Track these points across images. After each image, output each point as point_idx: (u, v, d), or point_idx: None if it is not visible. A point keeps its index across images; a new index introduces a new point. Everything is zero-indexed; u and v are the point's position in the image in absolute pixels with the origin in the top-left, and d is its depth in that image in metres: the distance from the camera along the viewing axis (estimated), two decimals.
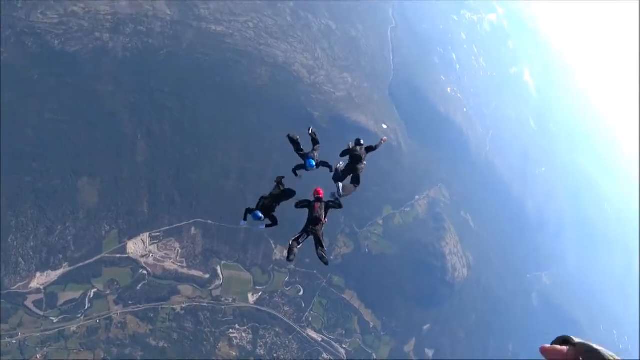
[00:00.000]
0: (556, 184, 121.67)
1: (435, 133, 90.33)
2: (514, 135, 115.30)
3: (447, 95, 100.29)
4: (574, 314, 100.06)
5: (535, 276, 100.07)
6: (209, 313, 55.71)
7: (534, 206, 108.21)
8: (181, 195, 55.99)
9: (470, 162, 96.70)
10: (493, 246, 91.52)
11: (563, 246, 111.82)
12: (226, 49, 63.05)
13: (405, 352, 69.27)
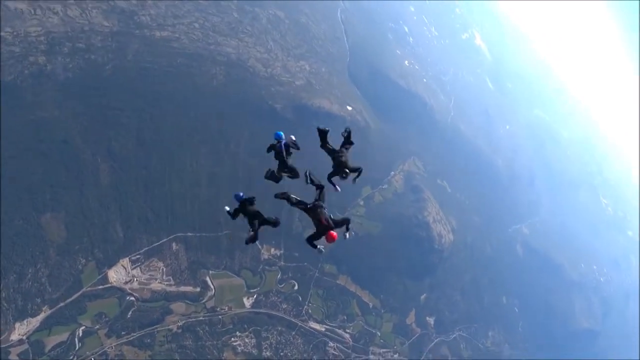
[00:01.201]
0: (520, 138, 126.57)
1: (399, 107, 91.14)
2: (475, 98, 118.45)
3: (405, 68, 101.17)
4: (556, 258, 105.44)
5: (516, 229, 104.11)
6: (207, 326, 54.23)
7: (503, 163, 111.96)
8: (155, 212, 53.64)
9: (438, 131, 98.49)
10: (472, 207, 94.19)
11: (536, 196, 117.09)
12: (175, 54, 60.32)
13: (408, 324, 70.61)
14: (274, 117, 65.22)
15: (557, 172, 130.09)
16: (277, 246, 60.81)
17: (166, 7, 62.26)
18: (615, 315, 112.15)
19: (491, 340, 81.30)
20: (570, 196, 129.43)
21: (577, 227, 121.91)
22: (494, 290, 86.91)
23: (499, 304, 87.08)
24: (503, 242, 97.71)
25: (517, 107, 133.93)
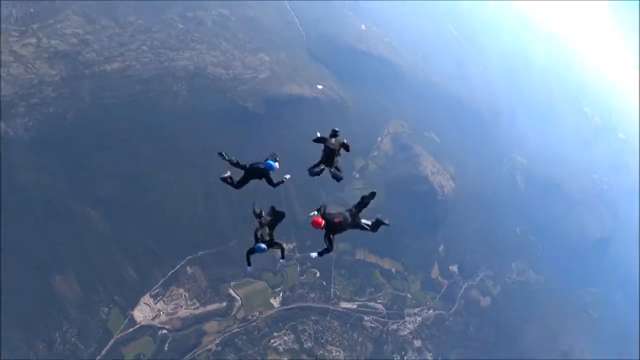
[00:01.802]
0: (496, 76, 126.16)
1: (368, 73, 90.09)
2: (441, 48, 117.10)
3: (363, 32, 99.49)
4: (556, 177, 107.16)
5: (512, 162, 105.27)
6: (244, 336, 54.75)
7: (484, 104, 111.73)
8: (159, 243, 53.25)
9: (411, 86, 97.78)
10: (464, 151, 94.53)
11: (525, 127, 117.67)
12: (132, 82, 58.59)
13: (434, 278, 71.73)
14: (249, 116, 64.26)
15: (537, 99, 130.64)
16: (288, 240, 60.81)
17: (109, 39, 60.04)
18: (624, 217, 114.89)
19: (515, 271, 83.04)
20: (555, 116, 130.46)
21: (569, 143, 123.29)
22: (506, 224, 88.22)
23: (514, 236, 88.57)
24: (502, 176, 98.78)
25: (485, 45, 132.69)
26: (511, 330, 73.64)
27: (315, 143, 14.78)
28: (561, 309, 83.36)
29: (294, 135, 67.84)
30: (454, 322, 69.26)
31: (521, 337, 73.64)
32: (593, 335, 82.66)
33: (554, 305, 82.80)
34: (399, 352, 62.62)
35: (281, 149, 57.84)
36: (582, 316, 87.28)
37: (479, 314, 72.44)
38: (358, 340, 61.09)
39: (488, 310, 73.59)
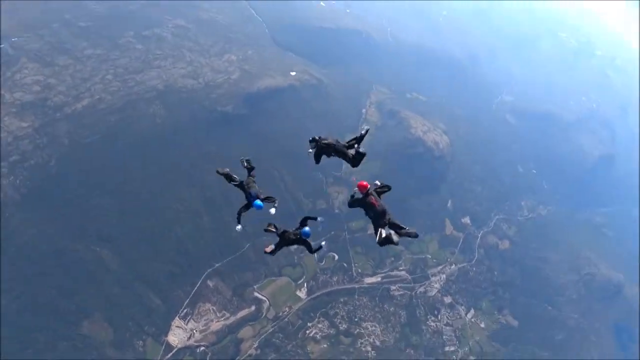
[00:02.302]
0: (464, 20, 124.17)
1: (339, 48, 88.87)
2: (405, 10, 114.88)
3: (324, 10, 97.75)
4: (545, 107, 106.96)
5: (498, 100, 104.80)
6: (280, 334, 55.50)
7: (460, 51, 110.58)
8: (175, 265, 53.38)
9: (384, 51, 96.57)
10: (450, 103, 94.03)
11: (506, 65, 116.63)
12: (107, 115, 57.43)
13: (449, 234, 72.26)
14: (230, 120, 63.50)
15: (511, 32, 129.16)
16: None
17: (71, 77, 58.50)
18: (622, 132, 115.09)
19: (526, 208, 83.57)
20: (533, 48, 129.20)
21: (551, 71, 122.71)
22: (507, 165, 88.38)
23: (517, 175, 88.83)
24: (493, 119, 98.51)
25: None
26: (534, 265, 74.66)
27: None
28: (577, 234, 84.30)
29: (279, 127, 67.31)
30: (477, 272, 70.12)
31: (545, 269, 74.70)
32: (613, 253, 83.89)
33: (569, 232, 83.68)
34: (432, 313, 63.61)
35: (270, 143, 57.65)
36: (598, 237, 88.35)
37: (500, 257, 73.28)
38: (390, 310, 61.99)
39: (508, 252, 74.44)
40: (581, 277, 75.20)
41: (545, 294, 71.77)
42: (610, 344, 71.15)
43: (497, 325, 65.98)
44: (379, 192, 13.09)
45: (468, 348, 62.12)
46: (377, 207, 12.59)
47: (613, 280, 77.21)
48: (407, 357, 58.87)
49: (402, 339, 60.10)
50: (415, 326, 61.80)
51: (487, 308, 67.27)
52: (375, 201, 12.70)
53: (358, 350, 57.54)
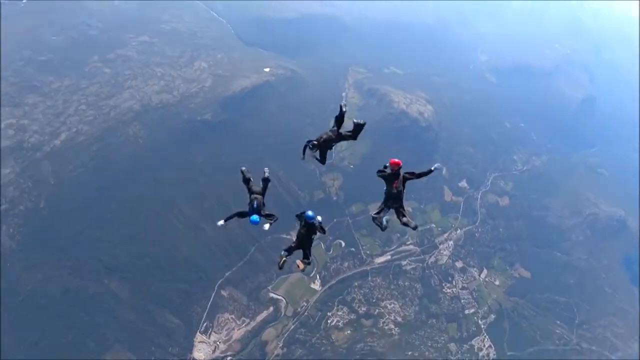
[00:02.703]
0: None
1: (308, 36, 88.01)
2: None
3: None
4: (522, 61, 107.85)
5: (474, 60, 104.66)
6: (302, 329, 55.83)
7: (431, 18, 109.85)
8: (186, 281, 53.21)
9: (355, 31, 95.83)
10: (428, 71, 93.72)
11: (477, 25, 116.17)
12: (88, 145, 56.34)
13: (449, 201, 72.64)
14: (213, 127, 62.83)
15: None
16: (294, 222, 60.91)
17: (43, 114, 57.04)
18: (601, 73, 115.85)
19: (519, 162, 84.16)
20: (501, 4, 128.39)
21: (522, 23, 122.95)
22: (494, 123, 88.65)
23: (506, 131, 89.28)
24: (473, 80, 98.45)
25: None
26: (537, 215, 75.57)
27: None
28: (573, 178, 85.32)
29: (263, 125, 66.75)
30: (483, 232, 70.80)
31: (548, 216, 75.67)
32: (610, 191, 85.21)
33: (565, 177, 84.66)
34: (446, 280, 64.28)
35: (256, 143, 57.07)
36: (594, 177, 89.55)
37: (502, 214, 73.99)
38: (405, 285, 62.53)
39: (509, 208, 75.18)
40: (584, 219, 76.30)
41: (552, 241, 72.85)
42: (622, 277, 72.58)
43: (511, 280, 66.96)
44: (409, 177, 13.29)
45: (487, 307, 63.06)
46: (394, 188, 12.92)
47: (615, 217, 78.42)
48: (429, 327, 59.61)
49: (422, 311, 60.79)
50: (432, 296, 62.48)
51: (499, 265, 68.15)
52: (397, 184, 12.98)
53: (381, 329, 58.15)
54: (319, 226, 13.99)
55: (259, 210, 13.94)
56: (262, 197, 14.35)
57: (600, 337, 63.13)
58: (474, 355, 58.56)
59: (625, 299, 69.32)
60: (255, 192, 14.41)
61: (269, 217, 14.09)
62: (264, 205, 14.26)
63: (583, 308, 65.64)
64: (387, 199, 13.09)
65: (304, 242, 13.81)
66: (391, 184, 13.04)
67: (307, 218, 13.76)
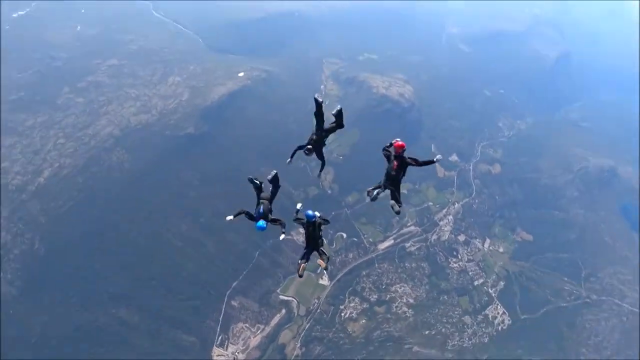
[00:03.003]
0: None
1: (277, 35, 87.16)
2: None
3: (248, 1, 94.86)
4: (491, 27, 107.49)
5: (446, 34, 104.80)
6: (317, 325, 56.03)
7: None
8: (194, 297, 52.93)
9: (322, 22, 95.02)
10: (403, 51, 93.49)
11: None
12: (72, 178, 55.27)
13: (442, 177, 73.04)
14: (197, 140, 62.06)
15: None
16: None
17: (22, 153, 55.57)
18: (570, 30, 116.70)
19: (505, 128, 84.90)
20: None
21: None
22: (474, 92, 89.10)
23: (487, 99, 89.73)
24: (447, 54, 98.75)
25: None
26: (530, 178, 76.34)
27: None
28: (559, 136, 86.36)
29: (245, 131, 66.17)
30: (480, 202, 71.40)
31: (541, 177, 76.48)
32: (596, 142, 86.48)
33: (551, 136, 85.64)
34: (451, 255, 64.80)
35: (242, 149, 56.25)
36: (578, 132, 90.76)
37: (496, 182, 74.64)
38: (412, 266, 62.92)
39: (502, 175, 75.85)
40: (576, 174, 77.29)
41: (549, 200, 73.70)
42: (621, 225, 73.86)
43: (515, 245, 67.73)
44: (411, 162, 13.21)
45: (495, 275, 63.78)
46: (393, 170, 13.02)
47: (605, 167, 79.69)
48: (442, 304, 60.15)
49: (432, 289, 61.30)
50: (440, 273, 62.98)
51: (500, 232, 68.86)
52: (398, 166, 13.06)
53: (395, 314, 58.55)
54: (321, 221, 13.99)
55: (266, 215, 13.73)
56: (269, 203, 14.13)
57: (608, 286, 64.31)
58: (490, 324, 59.30)
59: (626, 246, 70.61)
60: (262, 197, 14.21)
61: (275, 222, 13.93)
62: (271, 211, 14.05)
63: (587, 261, 66.73)
64: (386, 179, 13.21)
65: (314, 242, 13.83)
66: (392, 164, 13.11)
67: (309, 218, 13.76)
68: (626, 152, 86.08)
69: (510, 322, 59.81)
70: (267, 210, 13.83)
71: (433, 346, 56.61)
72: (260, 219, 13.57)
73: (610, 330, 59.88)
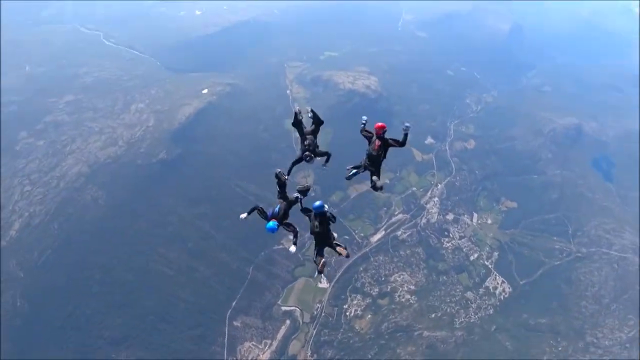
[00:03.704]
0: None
1: (233, 48, 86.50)
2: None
3: (201, 17, 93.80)
4: (440, 10, 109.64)
5: (400, 19, 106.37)
6: (325, 329, 55.17)
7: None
8: (194, 325, 51.21)
9: (277, 28, 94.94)
10: (362, 45, 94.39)
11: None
12: (45, 225, 52.74)
13: (420, 161, 73.77)
14: (171, 164, 60.51)
15: None
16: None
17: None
18: (522, 5, 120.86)
19: (472, 103, 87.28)
20: None
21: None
22: (438, 74, 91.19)
23: (451, 79, 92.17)
24: (405, 41, 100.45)
25: None
26: (505, 147, 78.32)
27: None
28: (524, 103, 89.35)
29: (219, 148, 65.00)
30: (461, 179, 72.46)
31: (515, 145, 78.72)
32: (558, 104, 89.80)
33: (517, 104, 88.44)
34: (443, 235, 65.35)
35: (219, 165, 54.96)
36: (541, 96, 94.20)
37: (474, 157, 76.03)
38: (407, 253, 63.04)
39: (478, 149, 77.39)
40: (546, 137, 79.83)
41: (526, 166, 75.78)
42: (595, 178, 76.79)
43: (501, 215, 69.03)
44: (392, 143, 13.40)
45: (488, 247, 64.74)
46: (375, 151, 13.20)
47: (571, 125, 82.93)
48: (443, 284, 60.50)
49: (431, 272, 61.58)
50: (435, 255, 63.39)
51: (486, 205, 70.09)
52: (378, 147, 13.20)
53: (399, 303, 58.44)
54: (330, 215, 13.42)
55: (280, 217, 12.99)
56: (286, 204, 13.37)
57: (595, 238, 66.39)
58: (492, 295, 60.09)
59: (604, 196, 73.32)
60: (281, 197, 13.59)
61: (289, 227, 13.25)
62: (287, 215, 13.33)
63: (572, 218, 68.76)
64: (367, 159, 13.38)
65: (324, 236, 13.16)
66: (373, 144, 13.21)
67: (317, 209, 13.03)
68: (587, 109, 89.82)
69: (510, 290, 60.78)
70: (282, 211, 13.13)
71: (442, 328, 56.79)
72: (272, 218, 12.82)
73: (605, 278, 61.75)
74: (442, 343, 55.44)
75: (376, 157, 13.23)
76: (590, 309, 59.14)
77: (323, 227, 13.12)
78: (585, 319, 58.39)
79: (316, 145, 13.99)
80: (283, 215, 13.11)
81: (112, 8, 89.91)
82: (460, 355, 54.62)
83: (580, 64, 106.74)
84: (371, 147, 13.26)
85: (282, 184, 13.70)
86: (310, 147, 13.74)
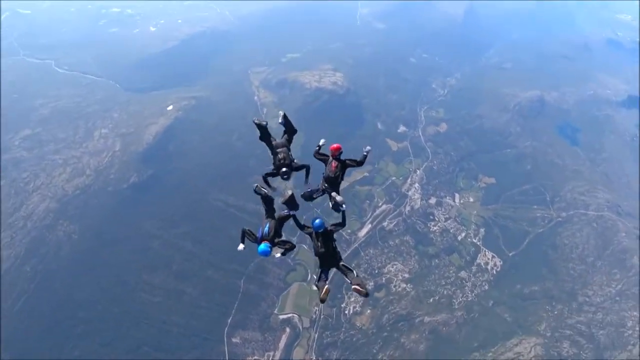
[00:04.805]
0: None
1: (192, 60, 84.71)
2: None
3: (156, 33, 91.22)
4: None
5: (358, 13, 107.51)
6: (327, 332, 54.41)
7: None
8: (191, 348, 49.39)
9: (234, 35, 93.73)
10: (322, 43, 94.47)
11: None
12: (18, 269, 49.59)
13: (396, 150, 74.38)
14: (144, 187, 58.25)
15: None
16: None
17: None
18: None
19: (437, 88, 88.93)
20: None
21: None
22: (401, 63, 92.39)
23: (414, 66, 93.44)
24: (364, 34, 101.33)
25: None
26: (474, 126, 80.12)
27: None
28: (488, 80, 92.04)
29: (192, 164, 63.22)
30: (439, 162, 73.46)
31: (484, 123, 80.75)
32: (519, 78, 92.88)
33: (480, 82, 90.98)
34: (429, 220, 65.92)
35: (195, 182, 53.18)
36: (502, 72, 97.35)
37: (447, 139, 77.29)
38: (396, 243, 63.15)
39: (450, 131, 78.78)
40: (513, 111, 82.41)
41: (498, 141, 77.79)
42: (562, 144, 79.83)
43: (482, 192, 70.38)
44: (350, 164, 13.00)
45: (474, 225, 65.80)
46: (332, 172, 12.83)
47: (534, 98, 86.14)
48: (436, 268, 60.91)
49: (422, 258, 61.90)
50: (424, 240, 63.80)
51: (466, 184, 71.28)
52: (335, 167, 12.81)
53: (396, 293, 58.40)
54: (333, 227, 12.17)
55: (271, 237, 11.59)
56: (275, 222, 11.94)
57: (571, 201, 68.73)
58: (484, 271, 61.02)
59: (573, 161, 76.31)
60: (269, 215, 12.25)
61: (284, 244, 11.88)
62: (279, 233, 11.89)
63: (548, 185, 71.00)
64: (325, 181, 12.84)
65: (330, 256, 11.74)
66: (330, 166, 12.74)
67: (317, 229, 11.77)
68: (546, 79, 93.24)
69: (501, 263, 61.92)
70: (271, 230, 11.70)
71: (441, 311, 57.12)
72: (262, 240, 11.46)
73: (587, 238, 63.92)
74: (444, 326, 55.76)
75: (334, 179, 12.76)
76: (577, 269, 61.02)
77: (327, 246, 11.85)
78: (574, 280, 60.19)
79: (292, 159, 12.82)
80: (274, 235, 11.75)
81: (62, 33, 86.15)
82: (463, 335, 55.13)
83: (534, 36, 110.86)
84: (328, 169, 12.79)
85: (266, 200, 12.49)
86: (284, 161, 12.57)
